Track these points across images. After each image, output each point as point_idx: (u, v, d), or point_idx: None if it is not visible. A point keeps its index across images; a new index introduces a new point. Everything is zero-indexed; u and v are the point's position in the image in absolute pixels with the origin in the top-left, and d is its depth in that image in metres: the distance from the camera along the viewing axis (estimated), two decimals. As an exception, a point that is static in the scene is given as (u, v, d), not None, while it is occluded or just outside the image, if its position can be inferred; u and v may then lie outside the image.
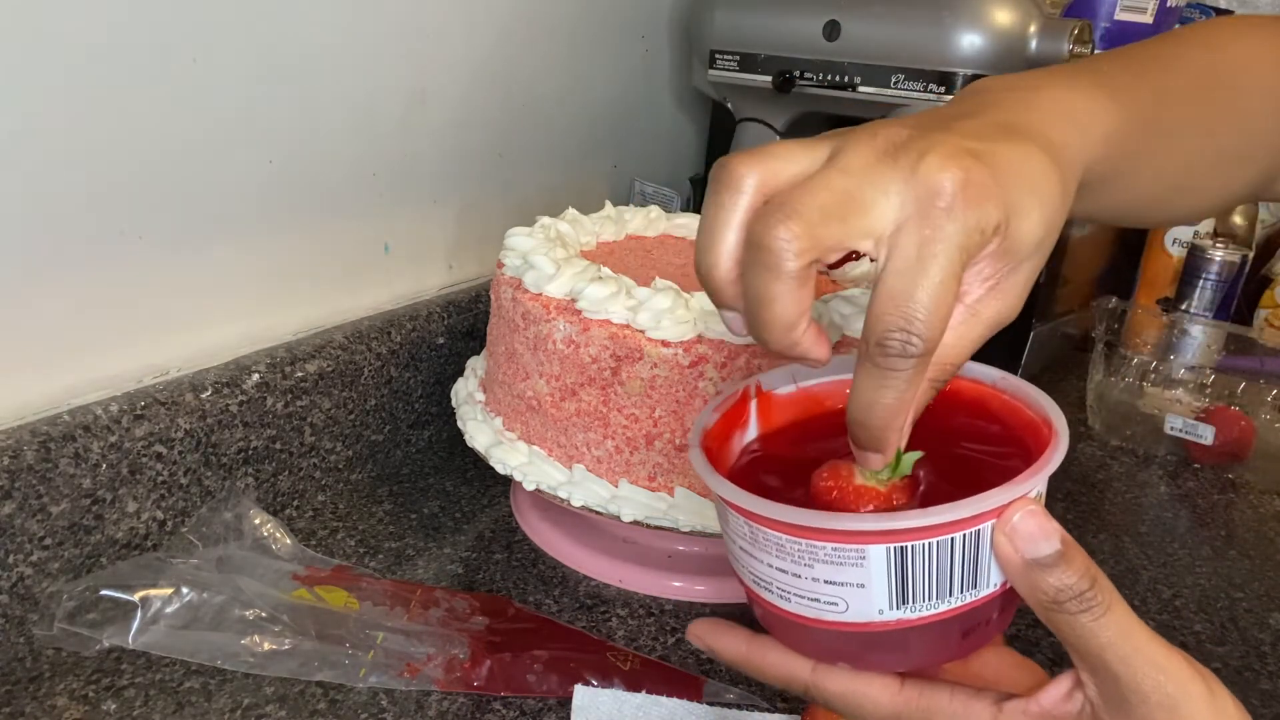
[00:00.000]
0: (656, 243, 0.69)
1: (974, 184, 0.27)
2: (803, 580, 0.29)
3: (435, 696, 0.47)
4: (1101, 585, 0.28)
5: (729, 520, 0.31)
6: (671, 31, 0.98)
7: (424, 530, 0.62)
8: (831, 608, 0.29)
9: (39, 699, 0.45)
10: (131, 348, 0.55)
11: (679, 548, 0.58)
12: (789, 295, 0.28)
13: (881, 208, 0.28)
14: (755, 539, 0.30)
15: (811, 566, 0.29)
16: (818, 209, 0.27)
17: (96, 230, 0.52)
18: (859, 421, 0.29)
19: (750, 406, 0.36)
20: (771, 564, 0.30)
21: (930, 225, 0.27)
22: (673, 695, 0.47)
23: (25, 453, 0.47)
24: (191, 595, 0.49)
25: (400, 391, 0.69)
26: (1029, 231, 0.30)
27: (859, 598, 0.29)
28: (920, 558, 0.28)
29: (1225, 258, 0.95)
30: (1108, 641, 0.27)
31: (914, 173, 0.27)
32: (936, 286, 0.27)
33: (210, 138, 0.56)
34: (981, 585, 0.29)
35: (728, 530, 0.32)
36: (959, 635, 0.30)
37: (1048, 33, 0.70)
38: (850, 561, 0.28)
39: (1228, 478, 0.78)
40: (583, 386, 0.53)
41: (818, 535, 0.28)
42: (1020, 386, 0.34)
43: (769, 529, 0.29)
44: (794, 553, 0.29)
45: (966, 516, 0.28)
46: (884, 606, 0.29)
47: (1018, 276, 0.31)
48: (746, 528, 0.30)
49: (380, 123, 0.67)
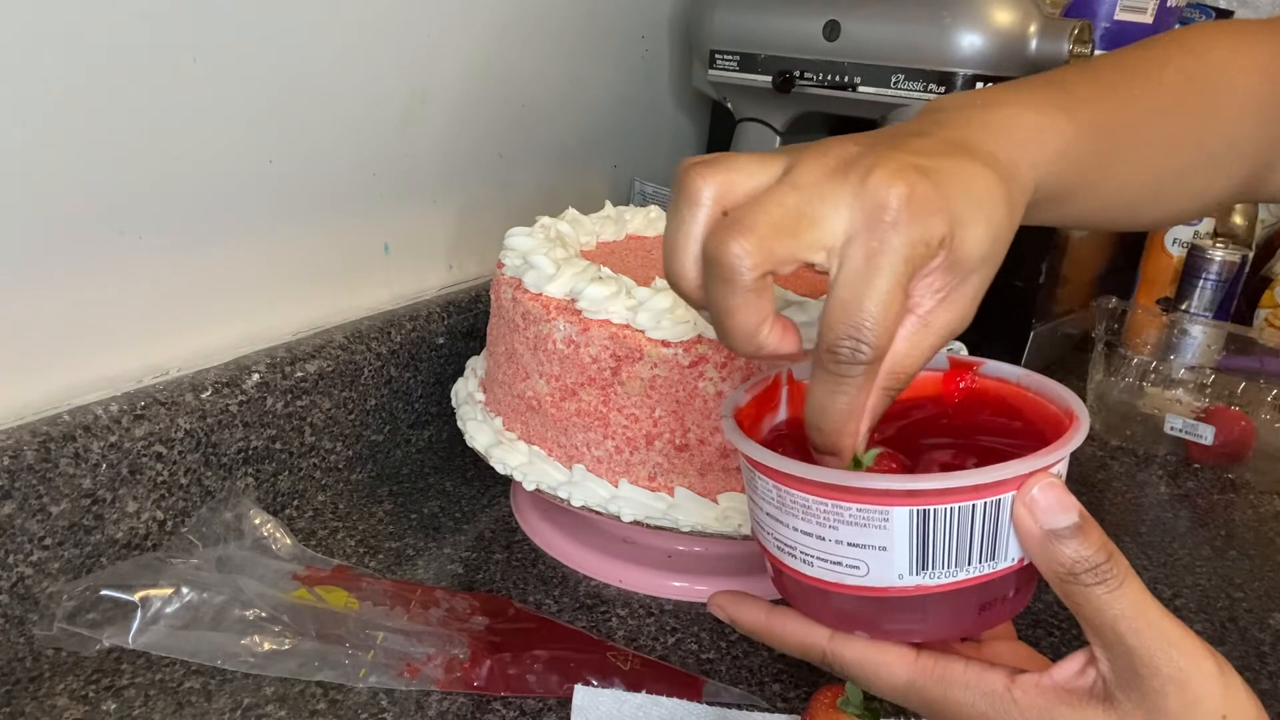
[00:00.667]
0: (656, 243, 0.69)
1: (918, 198, 0.29)
2: (826, 543, 0.30)
3: (435, 696, 0.47)
4: (1117, 559, 0.29)
5: (757, 486, 0.32)
6: (671, 31, 0.98)
7: (424, 530, 0.62)
8: (853, 571, 0.30)
9: (39, 699, 0.45)
10: (131, 348, 0.55)
11: (679, 548, 0.58)
12: (747, 306, 0.29)
13: (831, 222, 0.29)
14: (783, 502, 0.31)
15: (836, 528, 0.30)
16: (770, 224, 0.29)
17: (96, 230, 0.52)
18: (814, 425, 0.31)
19: (781, 392, 0.38)
20: (797, 527, 0.31)
21: (877, 238, 0.28)
22: (673, 695, 0.47)
23: (25, 453, 0.47)
24: (191, 595, 0.49)
25: (400, 391, 0.69)
26: (974, 245, 0.31)
27: (880, 561, 0.29)
28: (942, 522, 0.29)
29: (1225, 258, 0.95)
30: (1121, 614, 0.28)
31: (862, 187, 0.29)
32: (884, 296, 0.29)
33: (210, 137, 0.56)
34: (1000, 557, 0.30)
35: (755, 497, 0.33)
36: (976, 608, 0.31)
37: (1048, 33, 0.70)
38: (874, 523, 0.29)
39: (1228, 478, 0.78)
40: (583, 386, 0.53)
41: (844, 495, 0.29)
42: (1043, 382, 0.35)
43: (796, 490, 0.30)
44: (819, 514, 0.30)
45: (988, 482, 0.28)
46: (904, 571, 0.29)
47: (966, 288, 0.32)
48: (775, 491, 0.31)
49: (380, 123, 0.67)
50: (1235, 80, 0.44)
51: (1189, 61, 0.43)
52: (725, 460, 0.52)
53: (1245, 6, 1.27)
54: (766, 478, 0.31)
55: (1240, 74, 0.44)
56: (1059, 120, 0.37)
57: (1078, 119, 0.38)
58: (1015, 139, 0.35)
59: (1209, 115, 0.43)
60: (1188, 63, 0.43)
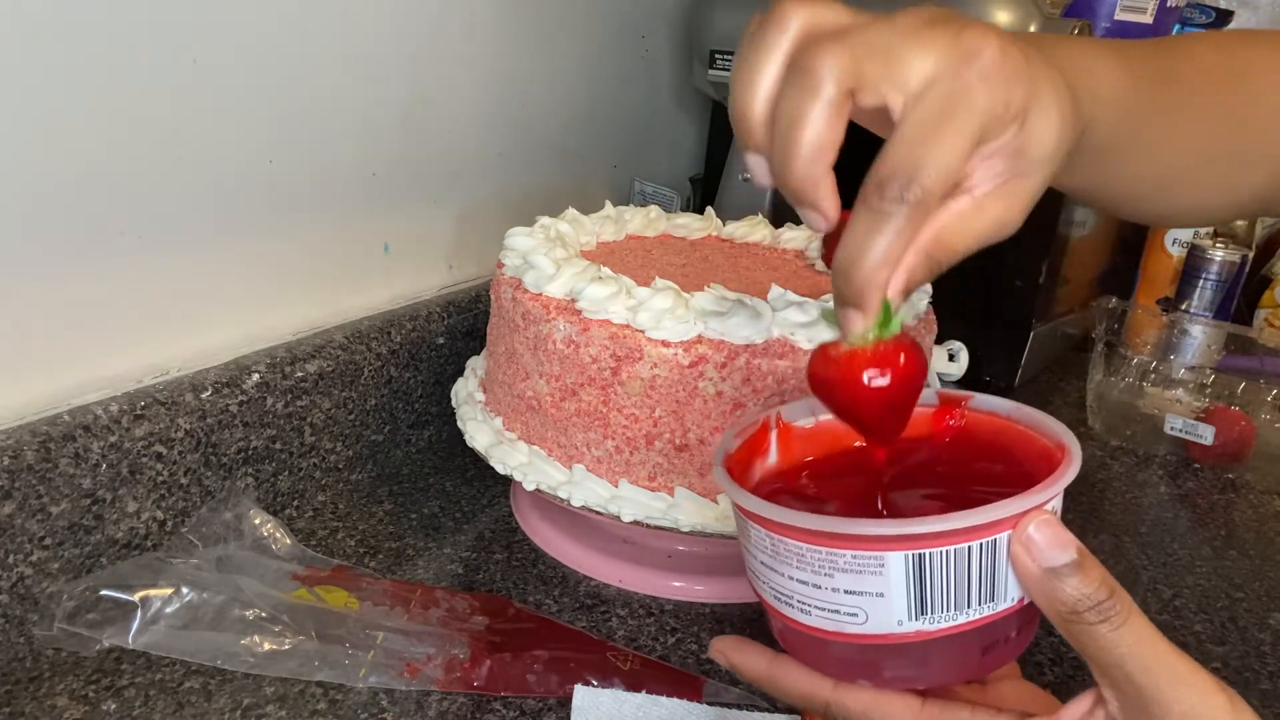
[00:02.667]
0: (656, 243, 0.69)
1: (1010, 60, 0.29)
2: (823, 591, 0.30)
3: (435, 696, 0.47)
4: (1119, 595, 0.28)
5: (750, 535, 0.31)
6: (671, 31, 0.98)
7: (424, 530, 0.62)
8: (851, 619, 0.30)
9: (39, 699, 0.45)
10: (131, 348, 0.55)
11: (679, 548, 0.58)
12: (823, 119, 0.28)
13: (919, 64, 0.28)
14: (776, 551, 0.30)
15: (832, 576, 0.29)
16: (864, 44, 0.28)
17: (97, 230, 0.52)
18: (843, 271, 0.29)
19: (771, 436, 0.37)
20: (792, 576, 0.30)
21: (961, 83, 0.28)
22: (673, 695, 0.47)
23: (25, 453, 0.47)
24: (191, 595, 0.49)
25: (400, 391, 0.69)
26: (1045, 133, 0.30)
27: (878, 608, 0.29)
28: (938, 566, 0.28)
29: (1225, 258, 0.95)
30: (1128, 651, 0.27)
31: (957, 38, 0.29)
32: (951, 141, 0.28)
33: (210, 138, 0.56)
34: (999, 599, 0.29)
35: (749, 547, 0.32)
36: (978, 651, 0.31)
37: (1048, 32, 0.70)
38: (870, 569, 0.28)
39: (1228, 478, 0.78)
40: (583, 386, 0.53)
41: (838, 542, 0.29)
42: (1033, 415, 0.34)
43: (789, 538, 0.29)
44: (814, 562, 0.29)
45: (983, 523, 0.28)
46: (903, 617, 0.29)
47: (1025, 183, 0.31)
48: (768, 540, 0.30)
49: (380, 123, 0.67)
50: (1268, 82, 0.44)
51: (1225, 57, 0.44)
52: (725, 460, 0.52)
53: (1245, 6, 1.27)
54: (760, 527, 0.30)
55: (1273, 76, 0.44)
56: (1117, 70, 0.37)
57: (1134, 73, 0.38)
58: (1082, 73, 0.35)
59: (1241, 110, 0.43)
60: (1224, 58, 0.44)
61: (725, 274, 0.62)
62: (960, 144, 0.28)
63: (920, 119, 0.28)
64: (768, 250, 0.69)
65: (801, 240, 0.69)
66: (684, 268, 0.63)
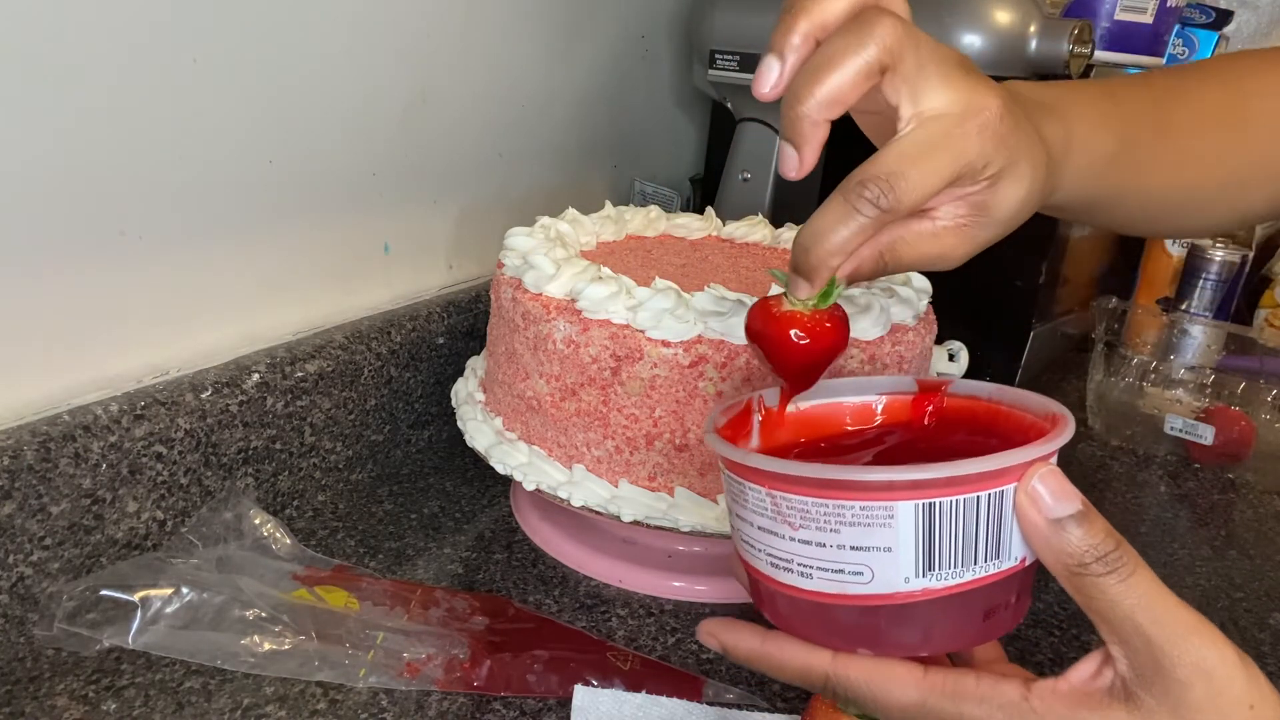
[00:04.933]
0: (656, 243, 0.69)
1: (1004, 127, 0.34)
2: (827, 549, 0.29)
3: (435, 696, 0.47)
4: (1125, 548, 0.28)
5: (747, 499, 0.31)
6: (671, 31, 0.98)
7: (424, 530, 0.62)
8: (856, 579, 0.29)
9: (39, 699, 0.45)
10: (131, 348, 0.55)
11: (679, 548, 0.58)
12: (853, 72, 0.32)
13: (938, 95, 0.33)
14: (779, 510, 0.30)
15: (838, 531, 0.29)
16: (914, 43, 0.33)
17: (97, 230, 0.52)
18: (804, 246, 0.33)
19: (754, 420, 0.37)
20: (794, 537, 0.30)
21: (960, 129, 0.33)
22: (673, 695, 0.47)
23: (25, 453, 0.47)
24: (191, 595, 0.49)
25: (400, 391, 0.69)
26: (1010, 198, 0.35)
27: (885, 564, 0.29)
28: (948, 516, 0.28)
29: (1225, 258, 0.95)
30: (1137, 603, 0.27)
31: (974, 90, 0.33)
32: (933, 170, 0.32)
33: (210, 138, 0.56)
34: (1004, 556, 0.29)
35: (743, 513, 0.32)
36: (980, 615, 0.30)
37: (1048, 33, 0.70)
38: (878, 521, 0.28)
39: (1228, 478, 0.78)
40: (583, 386, 0.53)
41: (846, 493, 0.28)
42: (1017, 394, 0.34)
43: (794, 493, 0.29)
44: (819, 517, 0.29)
45: (992, 470, 0.28)
46: (910, 574, 0.29)
47: (979, 233, 0.36)
48: (768, 500, 0.30)
49: (380, 123, 0.67)
50: (1267, 105, 0.46)
51: (1230, 89, 0.46)
52: (725, 460, 0.52)
53: (1245, 7, 1.27)
54: (760, 486, 0.30)
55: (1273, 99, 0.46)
56: (1107, 138, 0.41)
57: (1124, 135, 0.41)
58: (1069, 136, 0.39)
59: (1246, 139, 0.46)
60: (1229, 89, 0.46)
61: (725, 274, 0.62)
62: (939, 177, 0.33)
63: (917, 140, 0.33)
64: (768, 250, 0.69)
65: (801, 240, 0.69)
66: (684, 268, 0.63)
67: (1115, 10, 0.84)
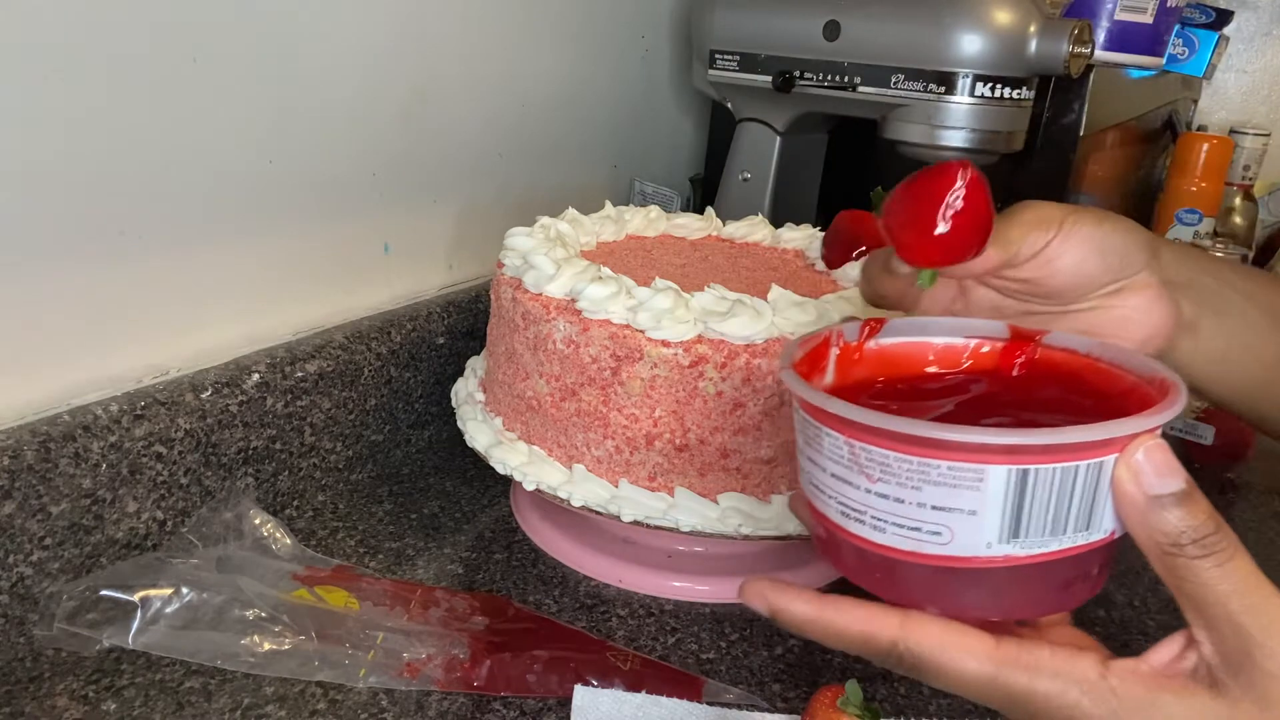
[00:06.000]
0: (656, 243, 0.69)
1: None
2: (905, 505, 0.27)
3: (435, 696, 0.47)
4: (1225, 532, 0.27)
5: (822, 443, 0.29)
6: (671, 31, 0.98)
7: (424, 530, 0.62)
8: (934, 538, 0.27)
9: (39, 699, 0.45)
10: (131, 348, 0.55)
11: (679, 548, 0.58)
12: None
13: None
14: (855, 460, 0.28)
15: (920, 489, 0.27)
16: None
17: (97, 230, 0.52)
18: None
19: (830, 355, 0.35)
20: (870, 489, 0.28)
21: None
22: (673, 695, 0.47)
23: (25, 453, 0.47)
24: (191, 595, 0.49)
25: (400, 391, 0.69)
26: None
27: (967, 527, 0.27)
28: (1043, 484, 0.26)
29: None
30: (1231, 590, 0.26)
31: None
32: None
33: (210, 138, 0.56)
34: (1094, 528, 0.28)
35: (816, 456, 0.30)
36: (1059, 586, 0.29)
37: (1048, 33, 0.70)
38: (966, 483, 0.26)
39: (1228, 478, 0.78)
40: (583, 386, 0.53)
41: (935, 451, 0.26)
42: (1119, 352, 0.32)
43: (875, 445, 0.27)
44: (901, 473, 0.27)
45: (1095, 440, 0.26)
46: (993, 539, 0.27)
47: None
48: (846, 448, 0.28)
49: (380, 123, 0.67)
50: None
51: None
52: (725, 460, 0.52)
53: (1245, 7, 1.27)
54: (836, 432, 0.28)
55: None
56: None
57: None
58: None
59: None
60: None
61: (725, 274, 0.62)
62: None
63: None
64: (768, 250, 0.69)
65: (801, 240, 0.69)
66: (684, 268, 0.63)
67: (1115, 10, 0.84)
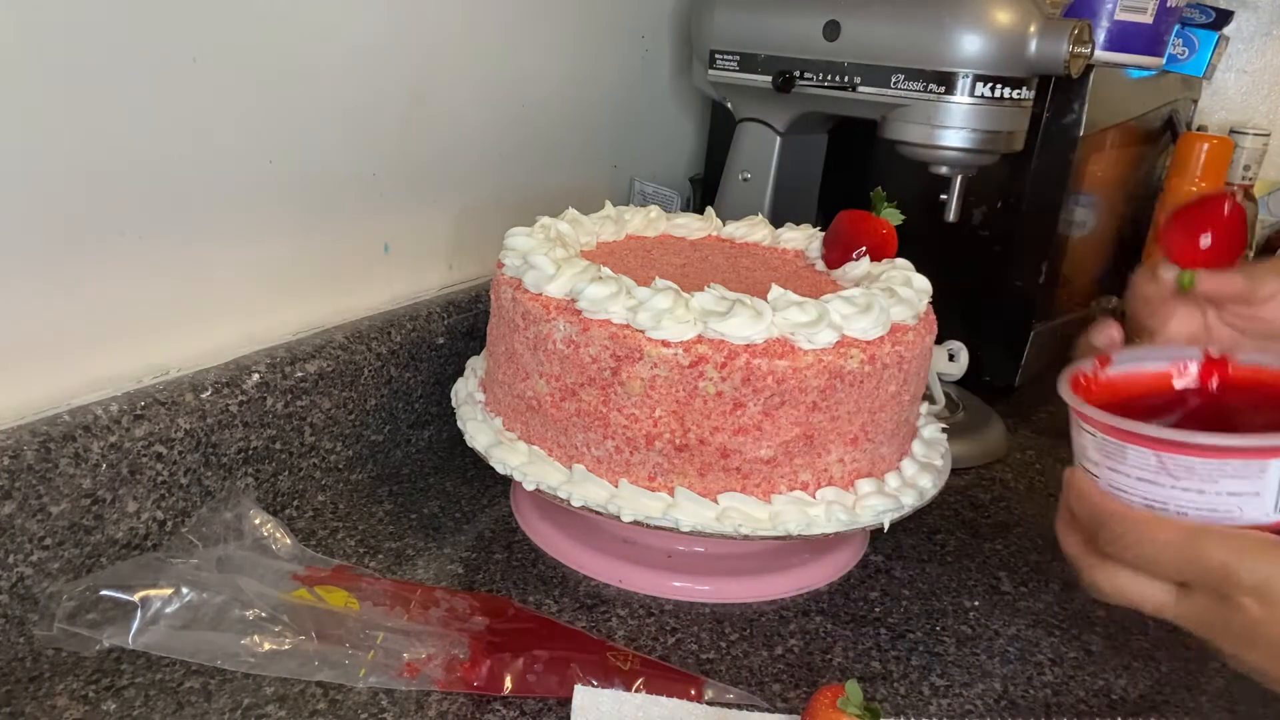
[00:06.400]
0: (656, 243, 0.69)
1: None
2: (1205, 495, 0.36)
3: (435, 696, 0.47)
4: None
5: (1127, 456, 0.38)
6: (671, 31, 0.98)
7: (424, 530, 0.62)
8: (1227, 515, 0.36)
9: (39, 699, 0.45)
10: (131, 348, 0.55)
11: (679, 548, 0.58)
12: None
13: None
14: (1164, 467, 0.37)
15: (1217, 482, 0.36)
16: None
17: (96, 230, 0.52)
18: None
19: (1079, 385, 0.44)
20: (1175, 486, 0.36)
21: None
22: (673, 695, 0.47)
23: (25, 453, 0.47)
24: (191, 595, 0.49)
25: (400, 391, 0.69)
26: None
27: (1253, 504, 0.36)
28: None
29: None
30: None
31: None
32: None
33: (210, 138, 0.56)
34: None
35: (1119, 467, 0.38)
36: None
37: (1048, 33, 0.70)
38: (1253, 474, 0.35)
39: None
40: (583, 386, 0.53)
41: (1230, 454, 0.35)
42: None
43: (1182, 455, 0.36)
44: (1204, 473, 0.36)
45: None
46: (1270, 509, 0.36)
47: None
48: (1154, 459, 0.37)
49: (380, 123, 0.67)
50: None
51: None
52: (725, 460, 0.52)
53: (1245, 7, 1.27)
54: (1147, 449, 0.36)
55: None
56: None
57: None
58: None
59: None
60: None
61: (725, 274, 0.62)
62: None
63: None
64: (768, 250, 0.69)
65: (801, 240, 0.69)
66: (684, 268, 0.63)
67: (1115, 10, 0.84)
